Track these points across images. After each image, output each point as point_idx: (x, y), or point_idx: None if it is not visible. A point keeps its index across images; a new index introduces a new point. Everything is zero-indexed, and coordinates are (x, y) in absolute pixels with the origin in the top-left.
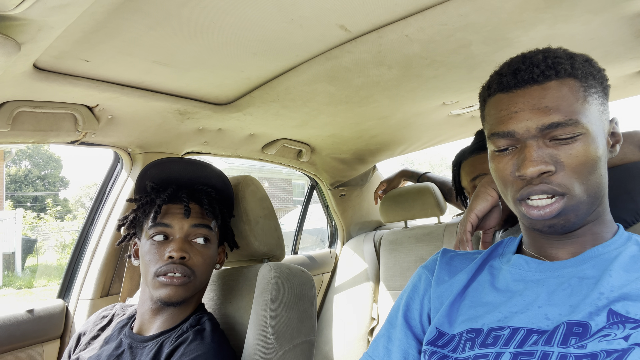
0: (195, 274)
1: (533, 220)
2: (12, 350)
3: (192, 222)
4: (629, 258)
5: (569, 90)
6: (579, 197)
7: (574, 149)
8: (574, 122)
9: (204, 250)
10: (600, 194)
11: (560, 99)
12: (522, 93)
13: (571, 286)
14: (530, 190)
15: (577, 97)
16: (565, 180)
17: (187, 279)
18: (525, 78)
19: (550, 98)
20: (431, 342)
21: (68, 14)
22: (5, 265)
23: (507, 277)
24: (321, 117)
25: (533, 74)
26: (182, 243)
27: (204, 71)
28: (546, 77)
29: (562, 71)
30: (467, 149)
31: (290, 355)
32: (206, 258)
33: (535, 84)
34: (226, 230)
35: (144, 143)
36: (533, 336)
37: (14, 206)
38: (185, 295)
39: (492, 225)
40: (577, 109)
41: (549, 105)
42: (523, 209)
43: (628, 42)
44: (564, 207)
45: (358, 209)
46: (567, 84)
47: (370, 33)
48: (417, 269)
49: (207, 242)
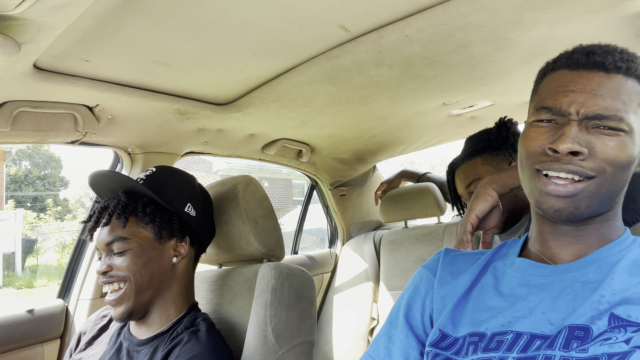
0: (130, 278)
1: (544, 196)
2: (12, 350)
3: (105, 241)
4: (632, 262)
5: (630, 89)
6: (600, 188)
7: (612, 143)
8: (619, 118)
9: (127, 257)
10: (618, 196)
11: (618, 94)
12: (587, 75)
13: (574, 291)
14: (556, 166)
15: (634, 98)
16: (595, 166)
17: (120, 290)
18: (597, 61)
19: (610, 88)
20: (434, 344)
21: (68, 14)
22: (5, 265)
23: (511, 281)
24: (321, 117)
25: (606, 60)
26: (104, 258)
27: (204, 71)
28: (616, 68)
29: (632, 69)
30: (459, 157)
31: (290, 355)
32: (134, 262)
33: (603, 70)
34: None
35: (144, 143)
36: (536, 341)
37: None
38: (131, 306)
39: (492, 226)
40: (628, 108)
41: (605, 95)
42: (538, 182)
43: (628, 42)
44: (581, 191)
45: (358, 209)
46: (631, 83)
47: (370, 33)
48: (418, 268)
49: (124, 252)
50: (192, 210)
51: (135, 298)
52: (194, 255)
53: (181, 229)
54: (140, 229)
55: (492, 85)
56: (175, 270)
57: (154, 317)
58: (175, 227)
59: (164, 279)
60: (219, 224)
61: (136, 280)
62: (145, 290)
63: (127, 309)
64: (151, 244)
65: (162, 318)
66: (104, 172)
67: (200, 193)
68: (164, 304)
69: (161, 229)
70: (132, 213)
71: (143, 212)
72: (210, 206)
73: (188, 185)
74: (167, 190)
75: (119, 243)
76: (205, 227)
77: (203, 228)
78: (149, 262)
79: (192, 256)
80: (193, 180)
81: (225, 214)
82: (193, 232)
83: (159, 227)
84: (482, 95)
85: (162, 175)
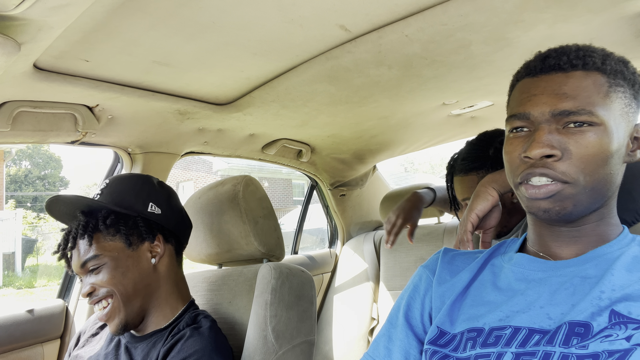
0: (115, 292)
1: (530, 201)
2: (12, 350)
3: (78, 264)
4: (632, 258)
5: (592, 82)
6: (581, 187)
7: (585, 139)
8: (587, 112)
9: (104, 272)
10: (607, 192)
11: (580, 89)
12: (546, 78)
13: (573, 285)
14: (531, 171)
15: (599, 90)
16: (570, 169)
17: (108, 306)
18: (552, 64)
19: (570, 86)
20: (432, 341)
21: (68, 14)
22: (5, 265)
23: (509, 276)
24: (321, 117)
25: (560, 61)
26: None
27: (204, 71)
28: (572, 66)
29: (590, 63)
30: (457, 161)
31: (290, 355)
32: (113, 275)
33: (561, 71)
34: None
35: (144, 143)
36: (535, 336)
37: (15, 206)
38: (124, 318)
39: (492, 225)
40: (595, 101)
41: (567, 92)
42: (523, 190)
43: (628, 42)
44: (560, 191)
45: (358, 209)
46: (592, 77)
47: (370, 33)
48: (418, 268)
49: (99, 268)
50: (155, 208)
51: (125, 309)
52: (173, 251)
53: (150, 230)
54: (108, 242)
55: (492, 85)
56: (157, 270)
57: (150, 319)
58: (142, 230)
59: (148, 282)
60: (219, 224)
61: (120, 292)
62: (132, 298)
63: (121, 321)
64: (124, 253)
65: (158, 319)
66: (56, 199)
67: (161, 190)
68: (157, 305)
69: (129, 235)
70: (94, 230)
71: (105, 225)
72: (177, 199)
73: (145, 185)
74: (125, 196)
75: (91, 261)
76: (176, 221)
77: (173, 222)
78: (128, 270)
79: (171, 252)
80: (149, 179)
81: (225, 214)
82: (164, 229)
83: (125, 235)
84: (482, 95)
85: (117, 184)
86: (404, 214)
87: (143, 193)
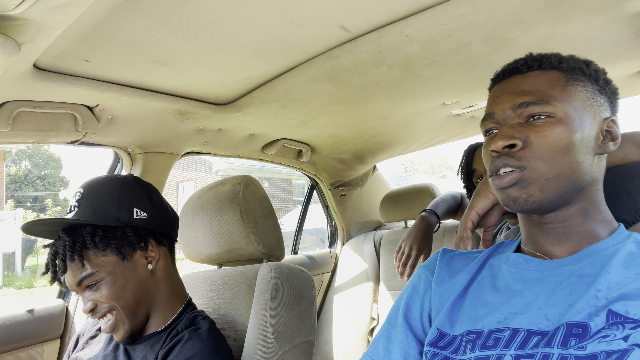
0: (116, 306)
1: (498, 192)
2: (12, 350)
3: (74, 284)
4: (627, 254)
5: (549, 78)
6: (541, 173)
7: (545, 129)
8: (544, 102)
9: (102, 288)
10: (577, 180)
11: (537, 84)
12: (507, 81)
13: (570, 285)
14: (496, 163)
15: (556, 84)
16: (528, 155)
17: (112, 318)
18: (511, 69)
19: (527, 83)
20: (432, 343)
21: (68, 14)
22: (5, 265)
23: (506, 276)
24: (321, 117)
25: (517, 64)
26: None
27: (204, 71)
28: (528, 67)
29: (545, 63)
30: None
31: (290, 355)
32: (112, 290)
33: (519, 73)
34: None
35: (144, 143)
36: (534, 338)
37: (15, 206)
38: (129, 328)
39: (493, 223)
40: (552, 93)
41: (525, 89)
42: (491, 182)
43: (628, 42)
44: (521, 177)
45: (358, 209)
46: (549, 74)
47: (370, 33)
48: (417, 269)
49: (97, 284)
50: (141, 213)
51: (130, 320)
52: (167, 251)
53: (140, 238)
54: (101, 258)
55: None
56: (155, 275)
57: (150, 321)
58: (133, 240)
59: (148, 288)
60: (219, 224)
61: (122, 305)
62: (135, 309)
63: (126, 331)
64: (119, 266)
65: (158, 321)
66: (33, 223)
67: (141, 190)
68: (158, 309)
69: (120, 248)
70: (83, 248)
71: (93, 242)
72: (158, 195)
73: (124, 190)
74: (106, 207)
75: (88, 279)
76: (163, 221)
77: (161, 223)
78: (127, 282)
79: (166, 253)
80: (126, 181)
81: (225, 214)
82: (154, 232)
83: (117, 248)
84: (482, 95)
85: (93, 195)
86: (417, 244)
87: (124, 199)
